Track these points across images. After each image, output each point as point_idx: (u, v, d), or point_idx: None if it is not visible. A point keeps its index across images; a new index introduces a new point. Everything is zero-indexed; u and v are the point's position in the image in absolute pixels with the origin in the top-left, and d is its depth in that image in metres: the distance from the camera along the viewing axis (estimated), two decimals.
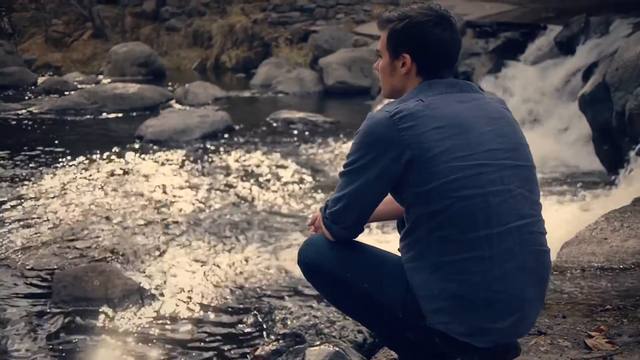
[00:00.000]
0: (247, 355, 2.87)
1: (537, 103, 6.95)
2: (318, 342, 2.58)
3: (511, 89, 7.25)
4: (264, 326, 3.12)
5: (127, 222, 4.66)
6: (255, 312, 3.31)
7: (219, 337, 3.10)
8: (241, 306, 3.42)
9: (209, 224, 4.68)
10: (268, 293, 3.58)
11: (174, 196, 5.30)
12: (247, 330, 3.15)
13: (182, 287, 3.63)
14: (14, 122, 8.40)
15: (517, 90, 7.21)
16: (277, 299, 3.48)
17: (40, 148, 6.85)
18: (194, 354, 2.94)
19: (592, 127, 5.11)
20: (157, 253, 4.12)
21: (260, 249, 4.23)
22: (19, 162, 6.28)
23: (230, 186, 5.62)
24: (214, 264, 3.97)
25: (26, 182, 5.58)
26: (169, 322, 3.23)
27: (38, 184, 5.54)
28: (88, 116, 8.74)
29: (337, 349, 2.40)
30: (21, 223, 4.60)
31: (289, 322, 2.94)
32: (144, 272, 3.81)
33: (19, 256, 4.02)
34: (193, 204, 5.10)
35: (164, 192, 5.40)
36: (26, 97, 10.19)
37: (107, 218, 4.73)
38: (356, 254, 1.52)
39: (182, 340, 3.06)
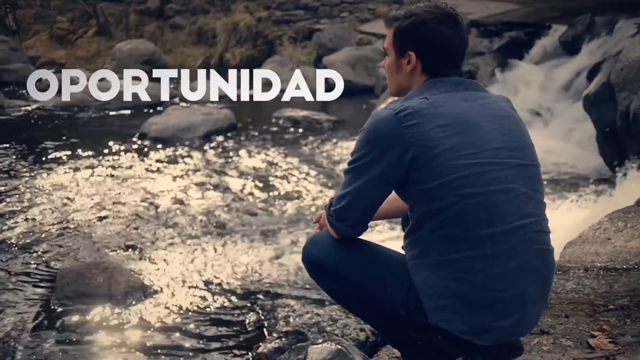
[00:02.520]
0: (250, 353, 2.87)
1: (541, 103, 6.94)
2: (320, 340, 2.59)
3: (515, 89, 7.23)
4: (266, 324, 3.13)
5: (130, 219, 4.67)
6: (257, 309, 3.31)
7: (221, 335, 3.10)
8: (244, 304, 3.42)
9: (212, 222, 4.69)
10: (270, 291, 3.59)
11: (178, 194, 5.30)
12: (250, 328, 3.16)
13: (185, 284, 3.63)
14: (17, 119, 8.42)
15: (521, 89, 7.20)
16: (279, 297, 3.48)
17: (44, 145, 6.87)
18: (196, 352, 2.95)
19: (596, 127, 5.09)
20: (160, 250, 4.13)
21: (263, 246, 4.24)
22: (22, 159, 6.29)
23: (234, 184, 5.62)
24: (217, 262, 3.97)
25: (29, 179, 5.59)
26: (171, 319, 3.23)
27: (41, 180, 5.56)
28: (91, 113, 8.76)
29: (339, 347, 2.40)
30: (24, 219, 4.62)
31: (291, 320, 2.94)
32: (147, 269, 3.82)
33: (23, 253, 4.04)
34: (196, 202, 5.11)
35: (168, 189, 5.41)
36: (30, 94, 10.20)
37: (110, 215, 4.75)
38: (360, 251, 1.52)
39: (184, 337, 3.07)
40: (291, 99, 10.14)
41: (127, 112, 8.87)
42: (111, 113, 8.82)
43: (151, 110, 8.72)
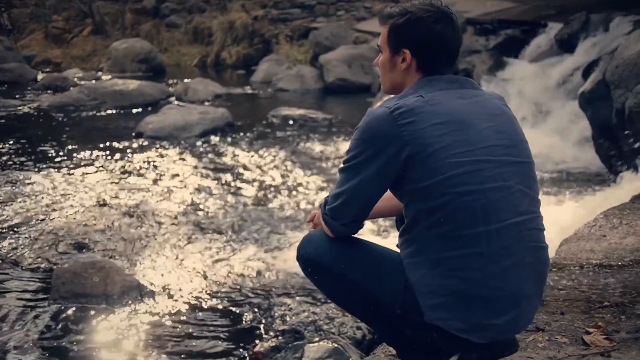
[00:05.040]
0: (247, 352, 2.87)
1: (537, 101, 6.95)
2: (317, 339, 2.59)
3: (511, 87, 7.24)
4: (263, 323, 3.12)
5: (126, 219, 4.66)
6: (254, 308, 3.31)
7: (218, 334, 3.10)
8: (240, 303, 3.42)
9: (209, 221, 4.68)
10: (267, 290, 3.59)
11: (174, 193, 5.30)
12: (246, 326, 3.16)
13: (181, 283, 3.63)
14: (13, 119, 8.39)
15: (517, 87, 7.21)
16: (276, 296, 3.48)
17: (40, 144, 6.85)
18: (193, 351, 2.94)
19: (592, 125, 5.10)
20: (156, 250, 4.13)
21: (259, 245, 4.24)
22: (18, 159, 6.28)
23: (230, 183, 5.62)
24: (213, 261, 3.97)
25: (25, 179, 5.58)
26: (167, 318, 3.23)
27: (37, 180, 5.54)
28: (88, 112, 8.74)
29: (336, 345, 2.41)
30: (20, 219, 4.60)
31: (288, 319, 2.94)
32: (143, 269, 3.81)
33: (18, 253, 4.03)
34: (192, 201, 5.11)
35: (164, 188, 5.40)
36: (26, 94, 10.18)
37: (107, 214, 4.74)
38: (355, 250, 1.52)
39: (181, 336, 3.07)
40: (288, 97, 10.16)
41: (124, 111, 8.85)
42: (107, 112, 8.81)
43: (147, 109, 8.70)
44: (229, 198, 5.21)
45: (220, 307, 3.37)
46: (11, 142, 6.86)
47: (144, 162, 6.22)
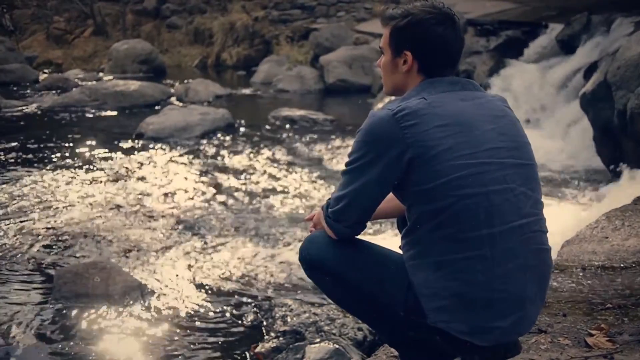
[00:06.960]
0: (247, 353, 2.87)
1: (538, 102, 6.95)
2: (318, 340, 2.59)
3: (512, 88, 7.24)
4: (264, 323, 3.12)
5: (127, 219, 4.66)
6: (255, 309, 3.31)
7: (219, 334, 3.10)
8: (241, 303, 3.42)
9: (210, 221, 4.68)
10: (268, 290, 3.59)
11: (175, 193, 5.30)
12: (247, 327, 3.15)
13: (182, 284, 3.63)
14: (15, 119, 8.40)
15: (518, 88, 7.21)
16: (277, 296, 3.48)
17: (41, 145, 6.86)
18: (194, 351, 2.94)
19: (594, 126, 5.11)
20: (158, 250, 4.13)
21: (260, 246, 4.24)
22: (19, 159, 6.28)
23: (231, 184, 5.62)
24: (214, 261, 3.97)
25: (27, 179, 5.58)
26: (169, 319, 3.23)
27: (38, 181, 5.55)
28: (89, 113, 8.74)
29: (337, 346, 2.41)
30: (22, 220, 4.61)
31: (289, 320, 2.94)
32: (145, 269, 3.81)
33: (20, 253, 4.03)
34: (193, 202, 5.11)
35: (165, 189, 5.40)
36: (27, 94, 10.19)
37: (108, 215, 4.74)
38: (358, 251, 1.52)
39: (182, 337, 3.07)
40: (288, 98, 10.17)
41: (125, 111, 8.86)
42: (108, 113, 8.81)
43: (148, 110, 8.70)
44: (229, 199, 5.21)
45: (221, 307, 3.37)
46: (12, 143, 6.87)
47: (145, 162, 6.22)
